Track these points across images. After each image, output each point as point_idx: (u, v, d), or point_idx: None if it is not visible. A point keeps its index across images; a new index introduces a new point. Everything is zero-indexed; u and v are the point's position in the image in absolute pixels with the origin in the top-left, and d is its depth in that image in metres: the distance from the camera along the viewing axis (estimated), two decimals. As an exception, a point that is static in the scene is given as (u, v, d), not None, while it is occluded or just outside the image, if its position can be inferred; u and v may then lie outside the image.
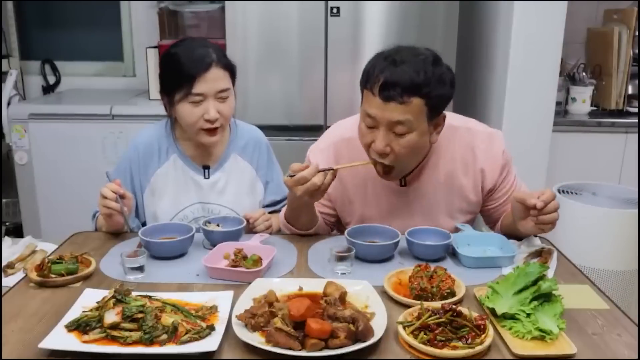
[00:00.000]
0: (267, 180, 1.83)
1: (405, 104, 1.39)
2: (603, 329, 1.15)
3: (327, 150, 1.66)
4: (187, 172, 1.75)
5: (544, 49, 2.66)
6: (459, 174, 1.61)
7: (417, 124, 1.42)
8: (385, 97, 1.39)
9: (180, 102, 1.62)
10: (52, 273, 1.33)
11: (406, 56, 1.41)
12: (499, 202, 1.66)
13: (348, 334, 1.03)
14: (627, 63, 3.04)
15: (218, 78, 1.62)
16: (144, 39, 3.48)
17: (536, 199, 1.41)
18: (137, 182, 1.75)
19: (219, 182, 1.76)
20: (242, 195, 1.78)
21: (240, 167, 1.79)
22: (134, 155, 1.74)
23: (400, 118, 1.40)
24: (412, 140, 1.44)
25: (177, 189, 1.75)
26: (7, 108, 3.09)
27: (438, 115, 1.47)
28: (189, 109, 1.61)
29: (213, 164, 1.76)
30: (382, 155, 1.46)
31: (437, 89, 1.40)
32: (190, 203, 1.75)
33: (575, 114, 3.09)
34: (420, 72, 1.38)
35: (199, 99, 1.60)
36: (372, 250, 1.47)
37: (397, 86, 1.38)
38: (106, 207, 1.53)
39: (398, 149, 1.44)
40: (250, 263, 1.38)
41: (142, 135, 1.78)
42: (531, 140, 2.74)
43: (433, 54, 1.45)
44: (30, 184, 3.01)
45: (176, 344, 1.05)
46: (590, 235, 2.36)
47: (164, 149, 1.75)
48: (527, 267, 1.20)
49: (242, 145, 1.80)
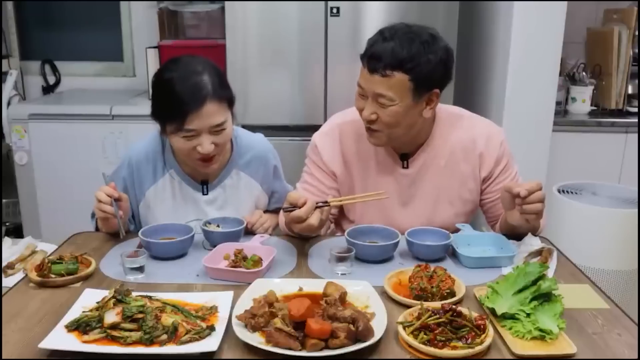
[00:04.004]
0: (272, 190, 1.80)
1: (387, 77, 1.45)
2: (603, 329, 1.15)
3: (332, 132, 1.70)
4: (185, 188, 1.68)
5: (544, 49, 2.66)
6: (460, 160, 1.65)
7: (400, 98, 1.47)
8: (370, 69, 1.47)
9: (172, 134, 1.53)
10: (52, 273, 1.33)
11: (398, 32, 1.47)
12: (497, 195, 1.66)
13: (348, 334, 1.03)
14: (627, 63, 3.04)
15: (213, 113, 1.50)
16: (144, 39, 3.48)
17: (522, 188, 1.43)
18: (132, 195, 1.68)
19: (218, 199, 1.70)
20: (242, 212, 1.69)
21: (242, 182, 1.73)
22: (126, 170, 1.68)
23: (382, 91, 1.47)
24: (395, 111, 1.49)
25: (173, 205, 1.69)
26: (7, 108, 3.10)
27: (429, 92, 1.50)
28: (181, 142, 1.52)
29: (212, 180, 1.70)
30: (370, 122, 1.53)
31: (423, 66, 1.44)
32: (187, 220, 1.65)
33: (575, 113, 3.09)
34: (405, 48, 1.44)
35: (192, 134, 1.50)
36: (372, 251, 1.47)
37: (380, 60, 1.44)
38: (101, 210, 1.52)
39: (383, 117, 1.51)
40: (250, 264, 1.38)
41: (135, 149, 1.70)
42: (531, 140, 2.74)
43: (429, 33, 1.49)
44: (30, 184, 3.01)
45: (176, 344, 1.05)
46: (590, 235, 2.36)
47: (160, 164, 1.68)
48: (527, 267, 1.20)
49: (245, 161, 1.72)
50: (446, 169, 1.65)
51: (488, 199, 1.71)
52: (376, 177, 1.67)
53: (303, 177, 1.75)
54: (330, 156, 1.68)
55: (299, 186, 1.74)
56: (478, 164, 1.66)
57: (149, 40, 3.38)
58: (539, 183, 1.44)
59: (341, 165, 1.68)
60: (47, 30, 3.66)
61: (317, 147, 1.70)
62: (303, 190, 1.71)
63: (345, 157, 1.68)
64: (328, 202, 1.47)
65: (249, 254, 1.41)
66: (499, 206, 1.67)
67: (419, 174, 1.65)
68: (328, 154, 1.69)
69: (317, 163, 1.70)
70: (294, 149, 2.55)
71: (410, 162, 1.65)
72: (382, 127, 1.53)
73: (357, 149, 1.67)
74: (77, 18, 3.61)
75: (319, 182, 1.70)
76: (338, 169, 1.68)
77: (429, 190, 1.66)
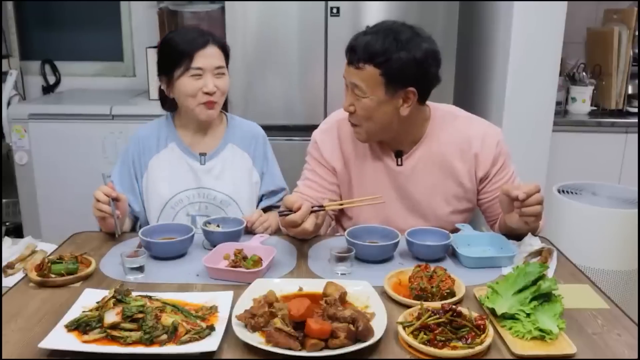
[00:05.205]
0: (262, 171, 1.86)
1: (359, 70, 1.50)
2: (603, 329, 1.15)
3: (331, 129, 1.73)
4: (184, 158, 1.79)
5: (544, 49, 2.66)
6: (455, 159, 1.66)
7: (372, 91, 1.50)
8: (348, 60, 1.53)
9: (180, 78, 1.68)
10: (52, 273, 1.33)
11: (380, 27, 1.51)
12: (495, 194, 1.67)
13: (348, 334, 1.03)
14: (627, 63, 3.04)
15: (215, 55, 1.70)
16: (144, 39, 3.48)
17: (520, 191, 1.43)
18: (137, 169, 1.80)
19: (214, 169, 1.79)
20: (239, 183, 1.81)
21: (237, 156, 1.82)
22: (134, 146, 1.80)
23: (355, 81, 1.51)
24: (367, 104, 1.52)
25: (173, 174, 1.78)
26: (7, 108, 3.09)
27: (403, 89, 1.51)
28: (189, 82, 1.67)
29: (209, 151, 1.80)
30: (350, 115, 1.58)
31: (394, 62, 1.46)
32: (186, 188, 1.77)
33: (575, 113, 3.09)
34: (379, 43, 1.47)
35: (198, 72, 1.67)
36: (372, 251, 1.47)
37: (355, 51, 1.50)
38: (99, 210, 1.55)
39: (358, 109, 1.55)
40: (250, 263, 1.38)
41: (143, 127, 1.85)
42: (531, 140, 2.74)
43: (413, 32, 1.50)
44: (30, 184, 3.01)
45: (176, 344, 1.05)
46: (590, 235, 2.36)
47: (164, 137, 1.80)
48: (527, 267, 1.20)
49: (238, 136, 1.84)
50: (440, 167, 1.66)
51: (486, 198, 1.71)
52: (372, 173, 1.69)
53: (304, 174, 1.77)
54: (330, 152, 1.71)
55: (300, 183, 1.76)
56: (474, 164, 1.66)
57: (149, 40, 3.38)
58: (537, 185, 1.44)
59: (341, 162, 1.71)
60: (47, 30, 3.66)
61: (317, 144, 1.73)
62: (304, 186, 1.73)
63: (344, 153, 1.70)
64: (324, 207, 1.48)
65: (249, 254, 1.41)
66: (497, 206, 1.67)
67: (413, 172, 1.66)
68: (328, 151, 1.71)
69: (318, 159, 1.73)
70: (294, 149, 2.55)
71: (404, 160, 1.66)
72: (359, 121, 1.57)
73: (354, 146, 1.69)
74: (77, 18, 3.61)
75: (321, 178, 1.72)
76: (338, 165, 1.71)
77: (423, 187, 1.67)
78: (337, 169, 1.71)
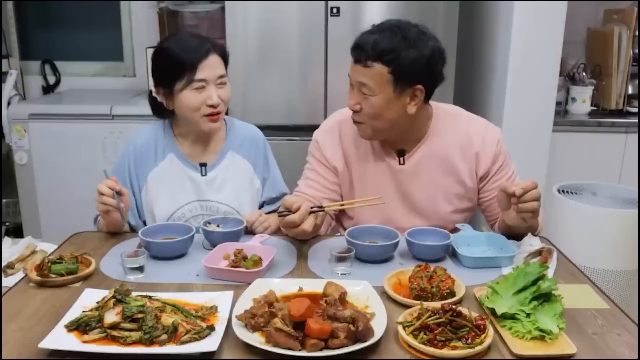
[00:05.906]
0: (264, 177, 1.84)
1: (367, 68, 1.49)
2: (603, 329, 1.15)
3: (333, 129, 1.73)
4: (184, 170, 1.74)
5: (544, 49, 2.66)
6: (456, 158, 1.66)
7: (380, 90, 1.50)
8: (354, 58, 1.53)
9: (182, 91, 1.62)
10: (52, 273, 1.33)
11: (386, 25, 1.51)
12: (495, 193, 1.67)
13: (348, 334, 1.03)
14: (627, 63, 3.04)
15: (217, 64, 1.65)
16: (144, 39, 3.48)
17: (517, 187, 1.43)
18: (135, 181, 1.75)
19: (216, 179, 1.76)
20: (240, 192, 1.78)
21: (237, 164, 1.79)
22: (132, 155, 1.75)
23: (362, 80, 1.51)
24: (376, 103, 1.52)
25: (174, 187, 1.74)
26: (7, 108, 3.09)
27: (411, 87, 1.51)
28: (192, 95, 1.62)
29: (210, 161, 1.76)
30: (355, 113, 1.58)
31: (402, 60, 1.47)
32: (188, 201, 1.74)
33: (575, 114, 3.09)
34: (386, 41, 1.47)
35: (202, 84, 1.62)
36: (372, 251, 1.47)
37: (362, 50, 1.50)
38: (103, 203, 1.53)
39: (366, 108, 1.54)
40: (250, 263, 1.38)
41: (140, 134, 1.79)
42: (531, 140, 2.74)
43: (419, 30, 1.51)
44: (30, 184, 3.01)
45: (176, 344, 1.05)
46: (590, 235, 2.36)
47: (161, 148, 1.75)
48: (527, 267, 1.20)
49: (238, 142, 1.80)
50: (442, 166, 1.67)
51: (486, 197, 1.72)
52: (374, 173, 1.69)
53: (305, 174, 1.77)
54: (331, 152, 1.71)
55: (301, 182, 1.76)
56: (475, 162, 1.67)
57: (149, 40, 3.38)
58: (534, 182, 1.44)
59: (342, 162, 1.71)
60: (47, 30, 3.66)
61: (318, 144, 1.73)
62: (305, 186, 1.73)
63: (346, 153, 1.71)
64: (323, 207, 1.48)
65: (249, 254, 1.41)
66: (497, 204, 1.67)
67: (415, 171, 1.67)
68: (329, 150, 1.71)
69: (319, 159, 1.73)
70: (294, 149, 2.55)
71: (406, 159, 1.67)
72: (365, 119, 1.56)
73: (356, 146, 1.69)
74: (77, 18, 3.62)
75: (322, 177, 1.72)
76: (339, 164, 1.71)
77: (425, 186, 1.68)
78: (338, 169, 1.71)
